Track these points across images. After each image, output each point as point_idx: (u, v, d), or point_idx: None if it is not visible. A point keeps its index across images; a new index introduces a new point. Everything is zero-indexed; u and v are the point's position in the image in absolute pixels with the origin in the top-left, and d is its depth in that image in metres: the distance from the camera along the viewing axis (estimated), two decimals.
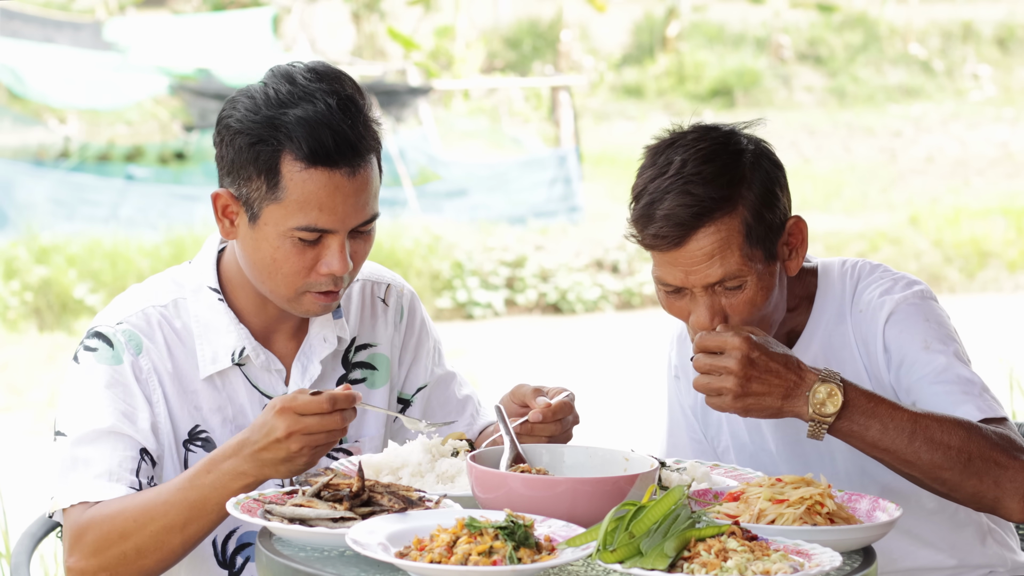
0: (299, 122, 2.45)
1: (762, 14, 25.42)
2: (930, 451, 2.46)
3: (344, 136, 2.46)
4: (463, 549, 2.04)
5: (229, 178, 2.52)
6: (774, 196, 2.60)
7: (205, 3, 21.75)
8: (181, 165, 16.65)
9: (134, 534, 2.42)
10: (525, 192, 16.04)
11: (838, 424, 2.45)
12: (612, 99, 23.21)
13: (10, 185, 14.27)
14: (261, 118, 2.47)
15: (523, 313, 13.95)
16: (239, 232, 2.54)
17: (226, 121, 2.51)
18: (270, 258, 2.50)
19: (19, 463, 8.62)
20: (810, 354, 2.72)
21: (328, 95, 2.47)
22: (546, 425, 2.51)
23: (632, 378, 11.17)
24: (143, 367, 2.56)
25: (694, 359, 2.46)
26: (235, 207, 2.52)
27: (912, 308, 2.68)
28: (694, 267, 2.56)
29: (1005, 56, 25.58)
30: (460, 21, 21.22)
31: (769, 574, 2.02)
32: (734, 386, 2.42)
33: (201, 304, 2.61)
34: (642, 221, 2.59)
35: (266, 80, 2.52)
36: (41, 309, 12.80)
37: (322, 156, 2.45)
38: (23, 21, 17.03)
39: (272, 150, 2.46)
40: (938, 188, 18.01)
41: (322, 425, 2.34)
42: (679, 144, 2.62)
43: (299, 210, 2.46)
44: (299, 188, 2.46)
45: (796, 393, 2.44)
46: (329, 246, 2.50)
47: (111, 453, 2.49)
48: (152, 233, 13.80)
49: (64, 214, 14.17)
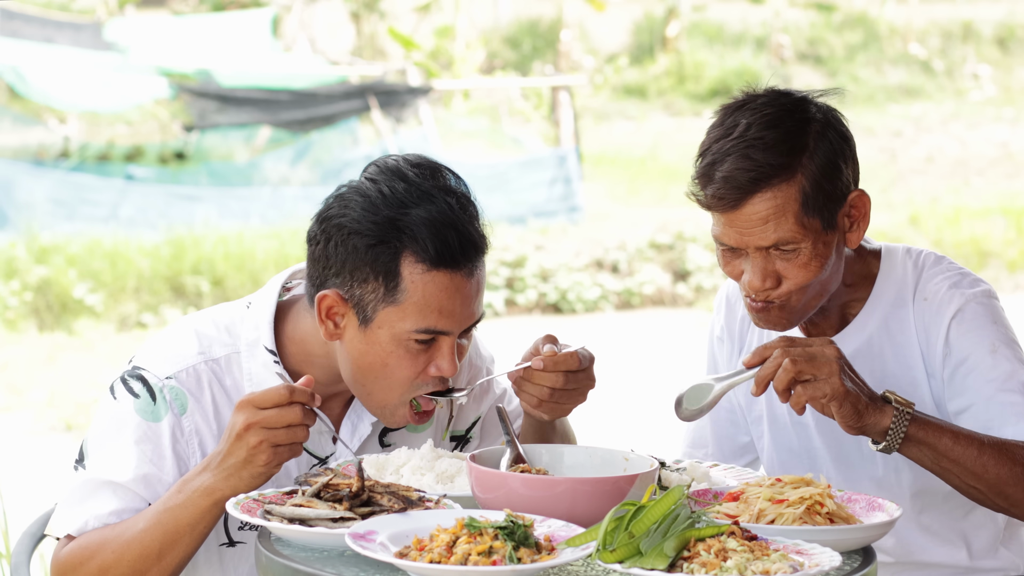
0: (423, 223, 2.39)
1: (762, 14, 25.41)
2: (997, 465, 2.50)
3: (468, 237, 2.41)
4: (463, 549, 2.04)
5: (338, 279, 2.43)
6: (836, 168, 2.60)
7: (205, 3, 21.74)
8: (181, 165, 16.65)
9: (113, 566, 2.40)
10: (525, 192, 16.03)
11: (913, 429, 2.46)
12: (612, 99, 23.19)
13: (10, 185, 14.26)
14: (381, 219, 2.39)
15: (523, 313, 13.95)
16: (345, 334, 2.46)
17: (337, 220, 2.43)
18: (381, 362, 2.44)
19: (19, 463, 8.62)
20: (865, 334, 2.74)
21: (447, 194, 2.42)
22: (546, 375, 2.48)
23: (632, 378, 11.17)
24: (185, 428, 2.50)
25: (784, 349, 2.42)
26: (342, 309, 2.45)
27: (981, 308, 2.69)
28: (749, 230, 2.58)
29: (1005, 56, 25.57)
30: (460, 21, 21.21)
31: (769, 574, 2.02)
32: (838, 366, 2.41)
33: (255, 362, 2.53)
34: (702, 180, 2.61)
35: (374, 177, 2.44)
36: (41, 309, 12.79)
37: (448, 258, 2.39)
38: (23, 21, 17.03)
39: (393, 251, 2.39)
40: (938, 188, 18.00)
41: (280, 417, 2.29)
42: (748, 107, 2.62)
43: (418, 312, 2.41)
44: (420, 290, 2.40)
45: (876, 398, 2.47)
46: (441, 348, 2.44)
47: (115, 502, 2.46)
48: (152, 233, 13.79)
49: (64, 214, 14.17)
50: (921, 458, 2.52)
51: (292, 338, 2.55)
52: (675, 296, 14.43)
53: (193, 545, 2.39)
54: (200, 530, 2.38)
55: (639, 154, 19.78)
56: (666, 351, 12.28)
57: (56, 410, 10.12)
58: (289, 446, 2.32)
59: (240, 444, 2.31)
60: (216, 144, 16.72)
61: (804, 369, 2.41)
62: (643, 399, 10.48)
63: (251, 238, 13.75)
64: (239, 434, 2.31)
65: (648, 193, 17.42)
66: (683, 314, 13.99)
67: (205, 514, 2.36)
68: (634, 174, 18.54)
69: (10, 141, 17.25)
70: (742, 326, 2.92)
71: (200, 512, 2.36)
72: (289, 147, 16.12)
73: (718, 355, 2.98)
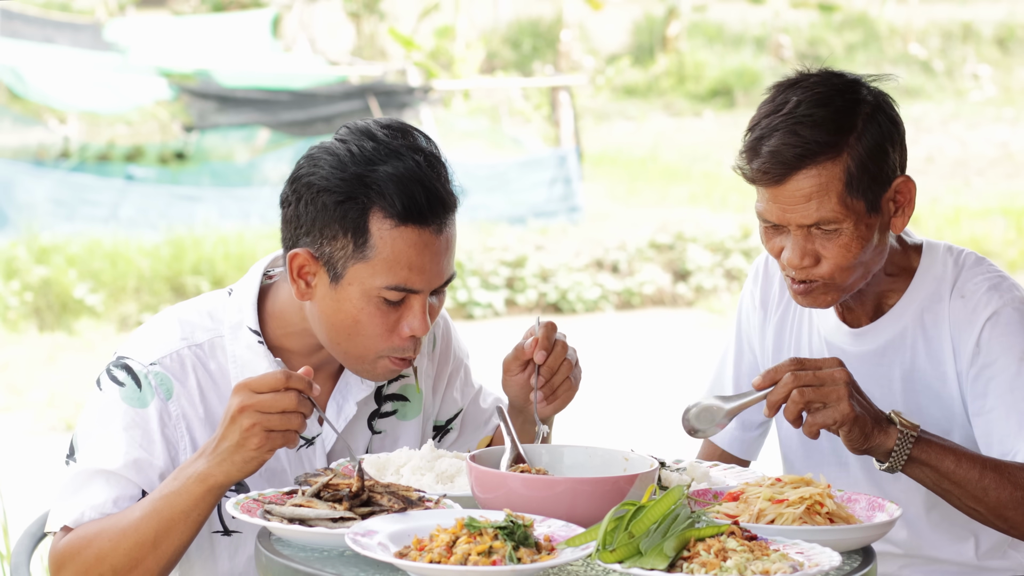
0: (390, 178, 2.41)
1: (762, 14, 25.41)
2: (998, 489, 2.52)
3: (435, 192, 2.44)
4: (463, 549, 2.04)
5: (308, 237, 2.45)
6: (883, 151, 2.61)
7: (205, 3, 21.75)
8: (181, 165, 16.65)
9: (109, 554, 2.39)
10: (525, 192, 16.02)
11: (917, 451, 2.48)
12: (612, 99, 23.20)
13: (10, 185, 14.26)
14: (349, 175, 2.42)
15: (523, 313, 13.94)
16: (316, 293, 2.48)
17: (307, 179, 2.45)
18: (352, 319, 2.45)
19: (19, 463, 8.62)
20: (900, 325, 2.75)
21: (414, 151, 2.44)
22: (556, 354, 2.53)
23: (632, 378, 11.17)
24: (172, 413, 2.51)
25: (794, 374, 2.43)
26: (313, 267, 2.47)
27: (1017, 315, 2.69)
28: (792, 206, 2.59)
29: (1005, 56, 25.57)
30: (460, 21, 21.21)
31: (768, 574, 2.02)
32: (847, 390, 2.42)
33: (239, 344, 2.55)
34: (749, 154, 2.62)
35: (343, 137, 2.47)
36: (41, 309, 12.79)
37: (415, 213, 2.41)
38: (23, 21, 17.03)
39: (361, 207, 2.41)
40: (938, 188, 18.00)
41: (275, 402, 2.28)
42: (800, 85, 2.64)
43: (387, 269, 2.42)
44: (389, 246, 2.42)
45: (881, 419, 2.48)
46: (412, 307, 2.46)
47: (109, 491, 2.46)
48: (152, 233, 13.79)
49: (64, 214, 14.16)
50: (923, 478, 2.53)
51: (272, 313, 2.57)
52: (675, 296, 14.43)
53: (189, 533, 2.39)
54: (195, 517, 2.37)
55: (639, 154, 19.78)
56: (666, 351, 12.28)
57: (56, 410, 10.13)
58: (283, 432, 2.31)
59: (234, 427, 2.30)
60: (216, 144, 16.72)
61: (813, 399, 2.42)
62: (643, 399, 10.47)
63: (251, 238, 13.75)
64: (233, 416, 2.30)
65: (648, 193, 17.42)
66: (683, 314, 13.98)
67: (200, 501, 2.36)
68: (634, 174, 18.54)
69: (10, 141, 17.25)
70: (777, 297, 2.92)
71: (195, 499, 2.35)
72: (289, 147, 16.11)
73: (749, 324, 2.97)
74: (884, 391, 2.76)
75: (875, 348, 2.77)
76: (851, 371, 2.72)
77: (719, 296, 14.15)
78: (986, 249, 15.08)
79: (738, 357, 2.97)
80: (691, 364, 11.25)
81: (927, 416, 2.74)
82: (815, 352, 2.85)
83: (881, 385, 2.76)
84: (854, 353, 2.79)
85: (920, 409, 2.75)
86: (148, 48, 16.72)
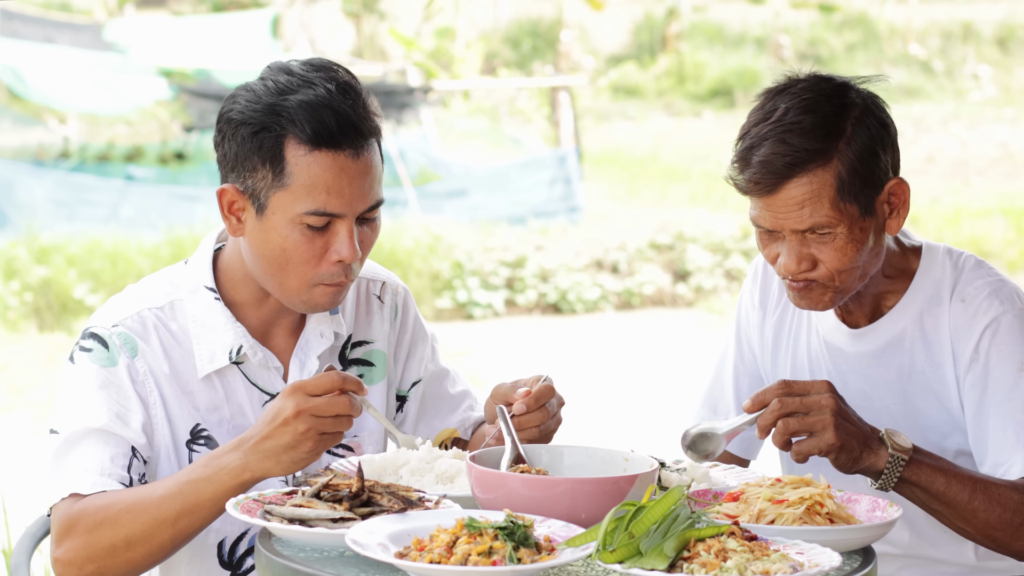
0: (300, 106, 2.46)
1: (762, 14, 25.41)
2: (987, 511, 2.52)
3: (346, 117, 2.48)
4: (463, 549, 2.04)
5: (234, 173, 2.52)
6: (874, 154, 2.61)
7: (205, 3, 21.75)
8: (181, 165, 16.65)
9: (126, 525, 2.41)
10: (525, 192, 16.02)
11: (908, 472, 2.48)
12: (612, 99, 23.20)
13: (10, 185, 14.26)
14: (262, 106, 2.48)
15: (523, 313, 13.94)
16: (246, 227, 2.54)
17: (227, 116, 2.52)
18: (279, 248, 2.50)
19: (19, 463, 8.62)
20: (899, 327, 2.75)
21: (327, 81, 2.49)
22: (532, 415, 2.52)
23: (632, 378, 11.17)
24: (139, 369, 2.56)
25: (781, 400, 2.42)
26: (241, 202, 2.53)
27: (1017, 323, 2.69)
28: (786, 214, 2.59)
29: (1005, 56, 25.57)
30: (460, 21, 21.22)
31: (769, 574, 2.02)
32: (832, 418, 2.41)
33: (198, 304, 2.60)
34: (740, 165, 2.62)
35: (263, 75, 2.54)
36: (41, 309, 12.79)
37: (325, 137, 2.46)
38: (23, 21, 17.03)
39: (275, 136, 2.47)
40: (938, 188, 18.00)
41: (331, 406, 2.33)
42: (788, 91, 2.64)
43: (306, 194, 2.47)
44: (305, 172, 2.46)
45: (872, 440, 2.47)
46: (338, 232, 2.50)
47: (103, 450, 2.49)
48: (152, 233, 13.79)
49: (64, 214, 14.17)
50: (913, 497, 2.54)
51: (223, 269, 2.64)
52: (675, 296, 14.43)
53: (210, 518, 2.42)
54: (221, 506, 2.39)
55: (639, 154, 19.78)
56: (666, 351, 12.28)
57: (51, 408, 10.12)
58: (333, 435, 2.36)
59: (287, 429, 2.34)
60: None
61: (798, 429, 2.41)
62: (643, 399, 10.47)
63: None
64: (287, 419, 2.33)
65: (648, 193, 17.42)
66: (683, 314, 13.98)
67: (229, 492, 2.38)
68: (634, 174, 18.54)
69: (10, 141, 17.26)
70: (776, 297, 2.92)
71: (225, 490, 2.38)
72: None
73: (748, 324, 2.97)
74: (882, 392, 2.76)
75: (874, 349, 2.77)
76: (850, 372, 2.72)
77: (719, 296, 14.16)
78: (986, 249, 15.09)
79: (738, 356, 2.97)
80: (691, 364, 11.25)
81: (925, 418, 2.74)
82: (813, 352, 2.85)
83: (879, 386, 2.76)
84: (852, 354, 2.79)
85: (918, 411, 2.75)
86: (148, 48, 16.72)
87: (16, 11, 17.29)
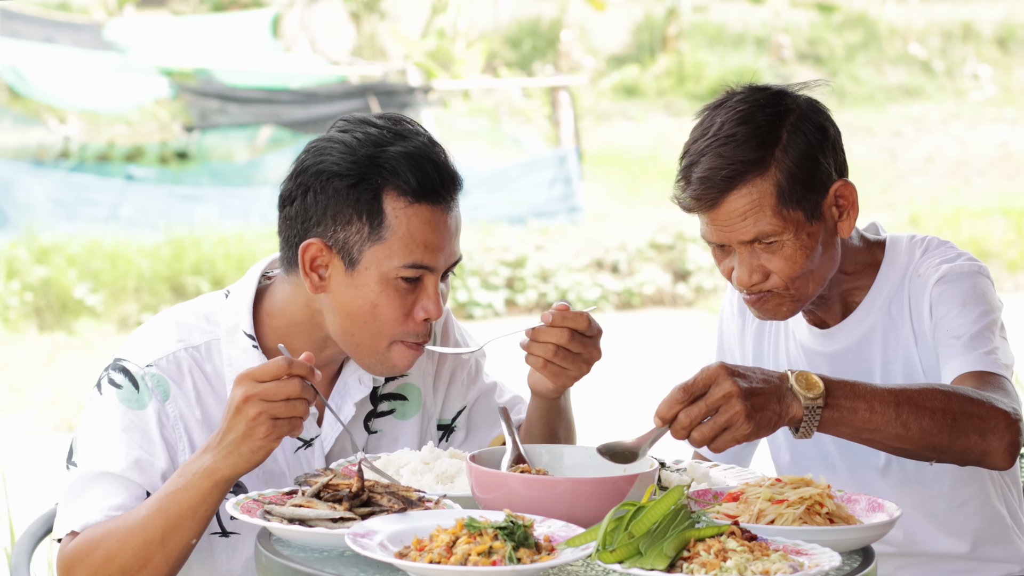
0: (401, 156, 2.42)
1: (762, 14, 25.39)
2: (918, 419, 2.41)
3: (446, 169, 2.46)
4: (462, 549, 2.04)
5: (320, 227, 2.45)
6: (813, 160, 2.61)
7: (205, 3, 21.74)
8: (181, 165, 16.65)
9: (118, 554, 2.39)
10: (525, 192, 16.03)
11: (827, 413, 2.36)
12: (612, 99, 23.19)
13: (10, 185, 14.26)
14: (360, 157, 2.43)
15: (523, 313, 13.95)
16: (331, 284, 2.47)
17: (314, 169, 2.46)
18: (370, 304, 2.45)
19: (20, 463, 8.62)
20: (869, 320, 2.75)
21: (416, 133, 2.46)
22: (553, 330, 2.48)
23: (632, 378, 11.17)
24: (169, 414, 2.50)
25: (687, 412, 2.29)
26: (327, 257, 2.47)
27: (964, 273, 2.69)
28: (729, 226, 2.60)
29: (1005, 56, 25.56)
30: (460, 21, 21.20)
31: (768, 574, 2.02)
32: (741, 406, 2.28)
33: (235, 347, 2.54)
34: (682, 183, 2.64)
35: (343, 128, 2.48)
36: (41, 309, 12.79)
37: (428, 190, 2.43)
38: (23, 21, 17.02)
39: (375, 188, 2.42)
40: (938, 188, 18.00)
41: (279, 389, 2.26)
42: (725, 105, 2.64)
43: (404, 248, 2.43)
44: (404, 225, 2.43)
45: (784, 391, 2.33)
46: (426, 289, 2.47)
47: (115, 496, 2.46)
48: (152, 233, 13.79)
49: (64, 214, 14.17)
50: (840, 435, 2.43)
51: (271, 313, 2.56)
52: (675, 296, 14.43)
53: (196, 529, 2.38)
54: (203, 513, 2.36)
55: (639, 154, 19.76)
56: (666, 351, 12.28)
57: (57, 410, 10.13)
58: (288, 420, 2.30)
59: (239, 417, 2.29)
60: (216, 144, 16.73)
61: (713, 434, 2.29)
62: (643, 399, 10.46)
63: (251, 238, 13.75)
64: (238, 407, 2.29)
65: (648, 193, 17.42)
66: (683, 314, 13.99)
67: (207, 496, 2.35)
68: (634, 174, 18.53)
69: (10, 141, 17.25)
70: None
71: (202, 494, 2.34)
72: (290, 147, 16.12)
73: (729, 331, 2.98)
74: None
75: (847, 346, 2.78)
76: (829, 372, 2.68)
77: (719, 296, 14.15)
78: (986, 249, 15.09)
79: None
80: (691, 364, 11.23)
81: None
82: (792, 357, 2.85)
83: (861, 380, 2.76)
84: (827, 354, 2.79)
85: None
86: (148, 48, 16.71)
87: (16, 11, 17.29)
